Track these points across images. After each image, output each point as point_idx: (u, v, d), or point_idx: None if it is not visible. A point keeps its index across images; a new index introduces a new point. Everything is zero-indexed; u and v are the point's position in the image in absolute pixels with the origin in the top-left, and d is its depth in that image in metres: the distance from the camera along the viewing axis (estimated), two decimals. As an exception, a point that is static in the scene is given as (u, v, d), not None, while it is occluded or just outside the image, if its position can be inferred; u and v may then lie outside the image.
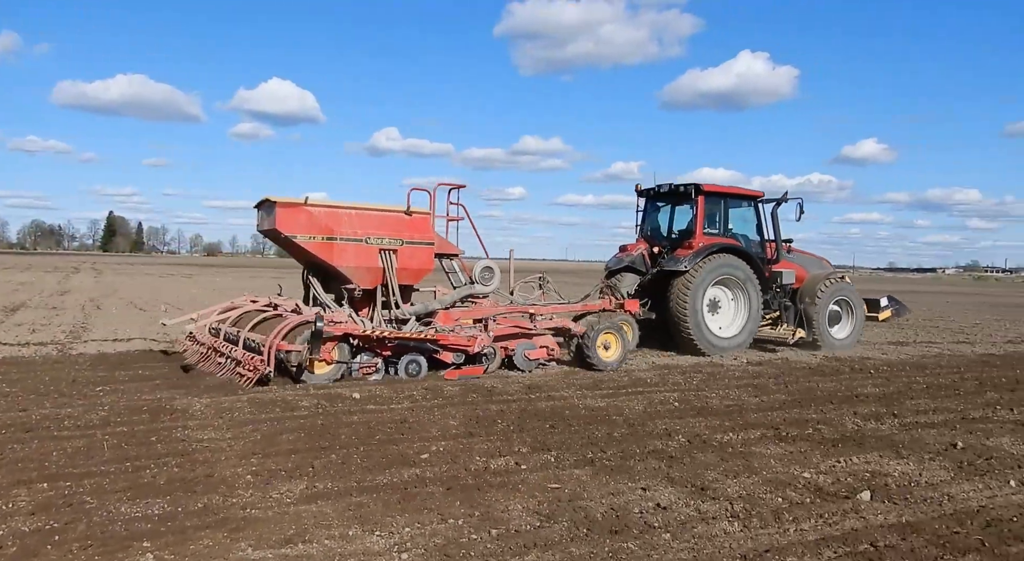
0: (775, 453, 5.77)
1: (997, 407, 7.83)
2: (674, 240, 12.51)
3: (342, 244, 9.29)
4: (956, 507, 4.55)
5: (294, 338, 8.20)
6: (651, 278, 12.07)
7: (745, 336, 12.04)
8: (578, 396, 7.97)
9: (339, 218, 9.37)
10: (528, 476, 5.01)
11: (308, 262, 9.80)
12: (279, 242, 9.78)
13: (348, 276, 9.43)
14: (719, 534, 4.04)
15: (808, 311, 12.51)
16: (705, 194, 12.03)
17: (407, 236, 9.74)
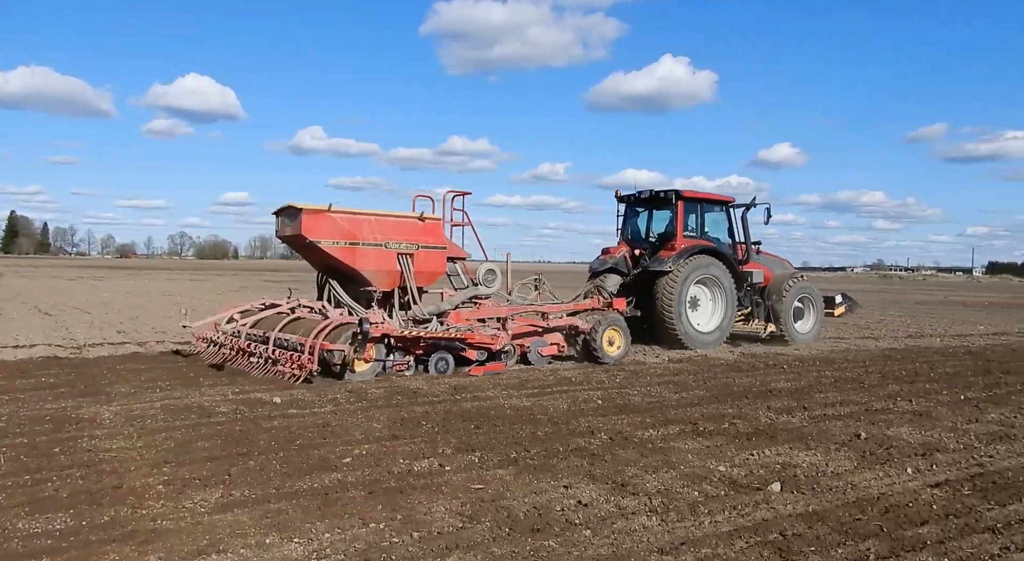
0: (693, 448, 5.95)
1: (898, 399, 8.29)
2: (654, 243, 13.38)
3: (364, 249, 9.87)
4: (858, 495, 4.80)
5: (336, 338, 8.61)
6: (635, 278, 12.80)
7: (722, 331, 12.88)
8: (504, 396, 8.01)
9: (360, 224, 9.96)
10: (452, 477, 5.00)
11: (327, 266, 10.26)
12: (300, 247, 10.21)
13: (369, 279, 9.97)
14: (638, 529, 4.13)
15: (776, 308, 13.50)
16: (684, 199, 12.89)
17: (422, 241, 10.40)
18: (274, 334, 9.13)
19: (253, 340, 9.49)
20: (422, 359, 9.49)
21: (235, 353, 9.59)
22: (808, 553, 3.80)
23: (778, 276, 14.05)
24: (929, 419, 7.21)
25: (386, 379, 8.83)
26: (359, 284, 10.09)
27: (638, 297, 12.36)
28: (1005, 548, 3.91)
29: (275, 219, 10.55)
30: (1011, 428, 6.86)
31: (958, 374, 10.30)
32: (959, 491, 4.91)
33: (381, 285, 10.10)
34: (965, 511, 4.50)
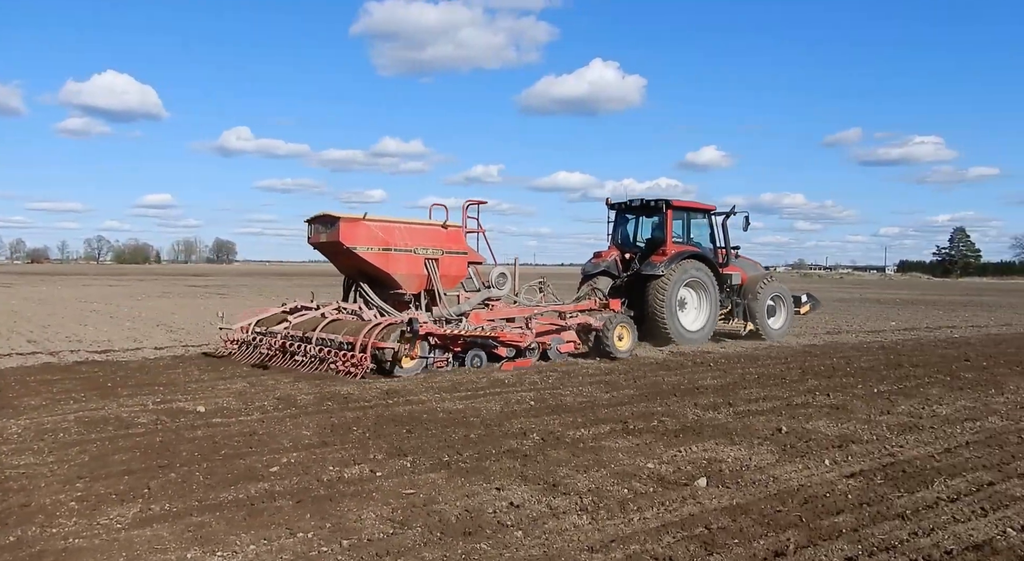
0: (623, 446, 6.05)
1: (816, 393, 8.63)
2: (642, 248, 14.30)
3: (396, 254, 10.75)
4: (780, 487, 4.97)
5: (386, 336, 9.25)
6: (628, 280, 13.68)
7: (709, 329, 13.87)
8: (436, 399, 7.96)
9: (392, 231, 10.81)
10: (383, 483, 4.94)
11: (358, 271, 10.99)
12: (335, 252, 10.91)
13: (400, 282, 10.82)
14: (569, 528, 4.17)
15: (752, 307, 14.56)
16: (673, 208, 13.84)
17: (446, 247, 11.32)
18: (316, 334, 9.74)
19: (293, 340, 10.06)
20: (458, 356, 10.23)
21: (275, 353, 10.16)
22: (731, 545, 3.92)
23: (752, 278, 15.03)
24: (845, 412, 7.53)
25: (316, 385, 8.66)
26: (388, 287, 10.90)
27: (629, 298, 13.18)
28: (913, 533, 4.11)
29: (307, 226, 11.25)
30: (919, 419, 7.24)
31: (872, 368, 10.81)
32: (872, 480, 5.15)
33: (410, 288, 10.95)
34: (877, 499, 4.72)
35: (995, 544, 3.96)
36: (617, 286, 13.70)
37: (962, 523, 4.28)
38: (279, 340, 10.20)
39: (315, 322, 10.17)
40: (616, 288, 13.64)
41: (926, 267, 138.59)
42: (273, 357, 10.12)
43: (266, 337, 10.51)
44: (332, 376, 9.23)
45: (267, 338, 10.45)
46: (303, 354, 9.75)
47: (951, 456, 5.82)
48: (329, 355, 9.47)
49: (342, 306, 10.86)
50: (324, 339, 9.67)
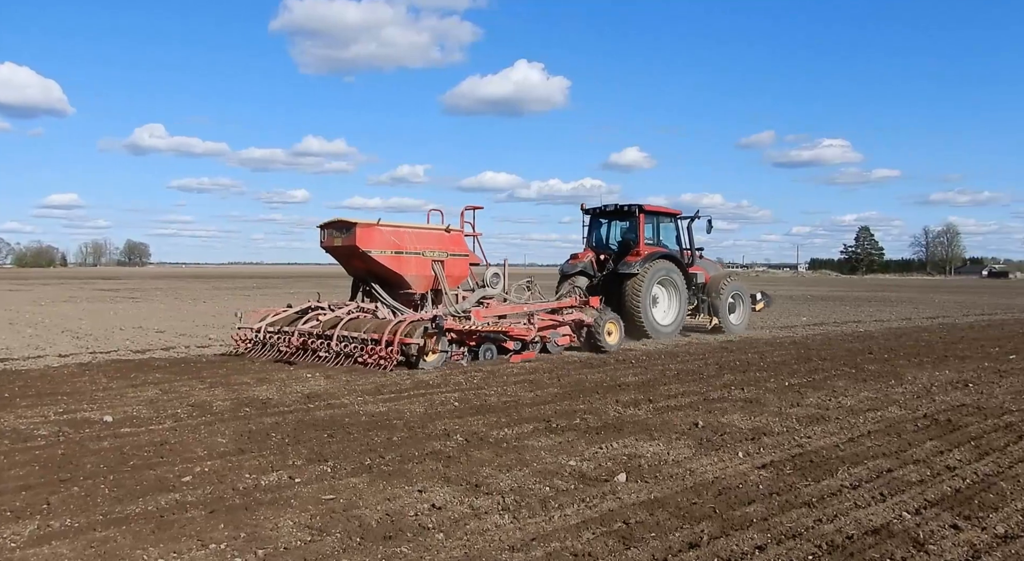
0: (546, 445, 6.11)
1: (732, 388, 8.94)
2: (616, 249, 15.40)
3: (407, 257, 11.63)
4: (696, 480, 5.12)
5: (412, 332, 9.93)
6: (604, 279, 14.78)
7: (678, 324, 15.12)
8: (359, 402, 7.85)
9: (403, 236, 11.70)
10: (301, 489, 4.84)
11: (370, 272, 11.76)
12: (350, 255, 11.67)
13: (410, 283, 11.70)
14: (491, 528, 4.18)
15: (715, 303, 15.90)
16: (645, 212, 15.02)
17: (449, 249, 12.26)
18: (337, 331, 10.41)
19: (314, 337, 10.71)
20: (473, 349, 11.03)
21: (294, 350, 10.79)
22: (649, 539, 4.01)
23: (715, 277, 16.37)
24: (758, 405, 7.83)
25: (233, 391, 8.40)
26: (398, 288, 11.75)
27: (605, 296, 14.14)
28: (818, 520, 4.31)
29: (320, 231, 11.94)
30: (826, 410, 7.59)
31: (784, 363, 11.27)
32: (782, 471, 5.36)
33: (419, 288, 11.84)
34: (786, 489, 4.92)
35: (892, 527, 4.19)
36: (594, 285, 14.73)
37: (863, 509, 4.51)
38: (299, 338, 10.81)
39: (338, 321, 10.82)
40: (592, 287, 14.66)
41: (835, 265, 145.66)
42: (293, 354, 10.76)
43: (281, 336, 11.12)
44: (306, 377, 9.28)
45: (284, 337, 11.06)
46: (326, 351, 10.40)
47: (854, 445, 6.12)
48: (355, 351, 10.15)
49: (361, 305, 11.58)
50: (346, 336, 10.34)
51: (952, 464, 5.54)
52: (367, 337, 10.18)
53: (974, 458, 5.71)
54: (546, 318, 12.23)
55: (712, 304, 15.89)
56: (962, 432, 6.61)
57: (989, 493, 4.82)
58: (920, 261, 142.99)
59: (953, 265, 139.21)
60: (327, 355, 10.39)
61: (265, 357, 11.01)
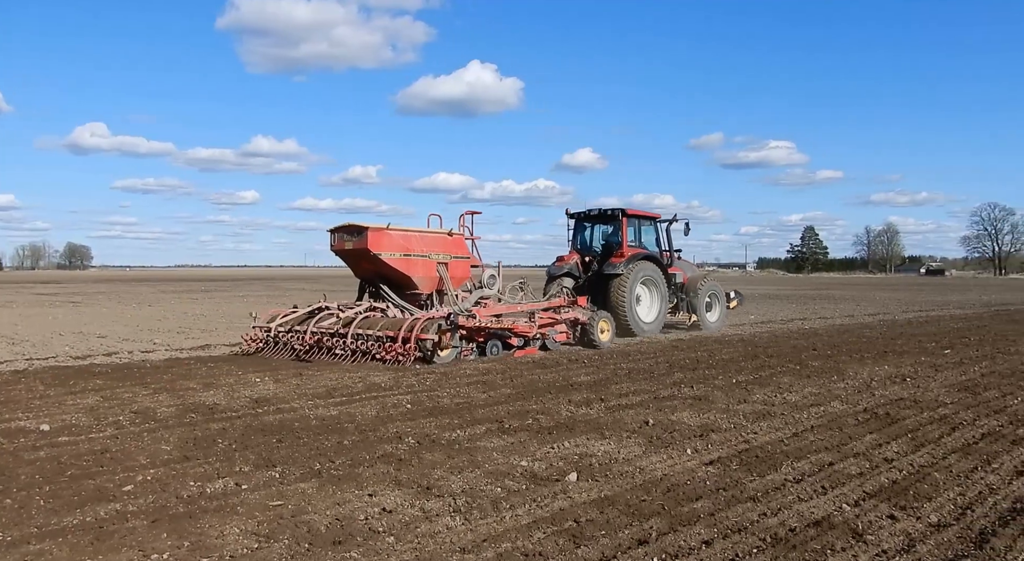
0: (498, 445, 6.11)
1: (681, 385, 9.09)
2: (601, 252, 16.06)
3: (414, 259, 12.36)
4: (645, 478, 5.19)
5: (427, 329, 10.62)
6: (590, 279, 15.50)
7: (660, 321, 15.91)
8: (309, 406, 7.74)
9: (410, 239, 12.47)
10: (249, 496, 4.75)
11: (378, 274, 12.44)
12: (359, 258, 12.37)
13: (417, 284, 12.42)
14: (442, 530, 4.17)
15: (693, 302, 16.77)
16: (627, 216, 15.77)
17: (453, 252, 13.06)
18: (352, 330, 11.00)
19: (325, 335, 11.29)
20: (480, 345, 11.69)
21: (308, 348, 11.31)
22: (599, 537, 4.05)
23: (692, 277, 17.21)
24: (707, 403, 7.97)
25: (178, 397, 8.20)
26: (405, 288, 12.46)
27: (591, 295, 14.77)
28: (763, 514, 4.42)
29: (330, 235, 12.59)
30: (772, 406, 7.78)
31: (732, 360, 11.50)
32: (729, 466, 5.48)
33: (425, 289, 12.57)
34: (733, 484, 5.02)
35: (832, 519, 4.32)
36: (580, 286, 15.48)
37: (805, 502, 4.64)
38: (312, 337, 11.35)
39: (355, 319, 11.44)
40: (579, 287, 15.40)
41: (781, 264, 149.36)
42: (308, 352, 11.28)
43: (294, 335, 11.64)
44: (255, 381, 9.05)
45: (297, 335, 11.58)
46: (342, 348, 10.93)
47: (798, 440, 6.29)
48: (372, 347, 10.75)
49: (374, 305, 12.21)
50: (361, 334, 10.93)
51: (890, 456, 5.73)
52: (382, 334, 10.78)
53: (910, 450, 5.92)
54: (545, 316, 12.87)
55: (691, 303, 16.77)
56: (900, 425, 6.85)
57: (924, 483, 5.01)
58: (862, 259, 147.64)
59: (893, 263, 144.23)
60: (343, 352, 10.92)
61: (279, 355, 11.53)
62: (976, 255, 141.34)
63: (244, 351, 12.24)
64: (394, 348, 10.53)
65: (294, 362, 11.15)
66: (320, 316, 11.90)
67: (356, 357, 10.82)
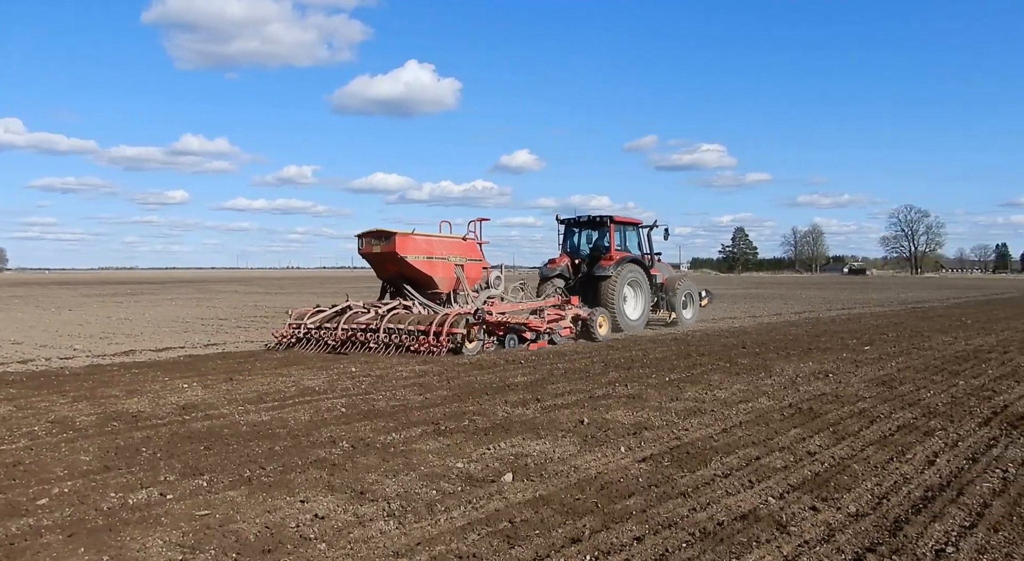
0: (433, 448, 6.08)
1: (616, 384, 9.23)
2: (589, 255, 17.30)
3: (436, 261, 13.67)
4: (580, 477, 5.25)
5: (456, 324, 11.88)
6: (581, 281, 16.73)
7: (644, 319, 17.14)
8: (240, 412, 7.54)
9: (432, 243, 13.79)
10: (174, 506, 4.59)
11: (402, 275, 13.67)
12: (386, 260, 13.58)
13: (438, 284, 13.72)
14: (375, 535, 4.12)
15: (672, 300, 18.18)
16: (615, 222, 17.08)
17: (468, 255, 14.48)
18: (383, 324, 12.11)
19: (358, 330, 12.32)
20: (500, 339, 12.90)
21: (341, 343, 12.41)
22: (533, 537, 4.08)
23: (670, 278, 18.58)
24: (640, 401, 8.12)
25: (99, 405, 7.87)
26: (427, 288, 13.69)
27: (582, 295, 16.01)
28: (693, 509, 4.53)
29: (358, 240, 13.85)
30: (703, 403, 7.97)
31: (665, 359, 11.74)
32: (660, 463, 5.59)
33: (444, 288, 13.85)
34: (664, 480, 5.13)
35: (758, 512, 4.46)
36: (571, 286, 16.70)
37: (733, 496, 4.77)
38: (343, 332, 12.44)
39: (391, 314, 12.57)
40: (571, 288, 16.64)
41: (714, 264, 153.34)
42: (341, 346, 12.36)
43: (326, 331, 12.76)
44: (182, 387, 8.59)
45: (328, 332, 12.69)
46: (375, 342, 12.00)
47: (727, 436, 6.47)
48: (405, 340, 11.89)
49: (403, 303, 13.34)
50: (392, 328, 12.06)
51: (813, 450, 5.95)
52: (414, 329, 11.95)
53: (832, 443, 6.17)
54: (552, 313, 14.22)
55: (669, 302, 18.17)
56: (822, 419, 7.12)
57: (844, 475, 5.22)
58: (790, 259, 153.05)
59: (818, 263, 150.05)
60: (376, 346, 12.00)
61: (311, 350, 12.55)
62: (894, 255, 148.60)
63: (276, 346, 13.13)
64: (427, 341, 11.68)
65: (226, 368, 10.85)
66: (353, 313, 12.94)
67: (389, 349, 11.90)
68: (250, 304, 30.01)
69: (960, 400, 8.13)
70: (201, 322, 20.16)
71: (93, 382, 9.43)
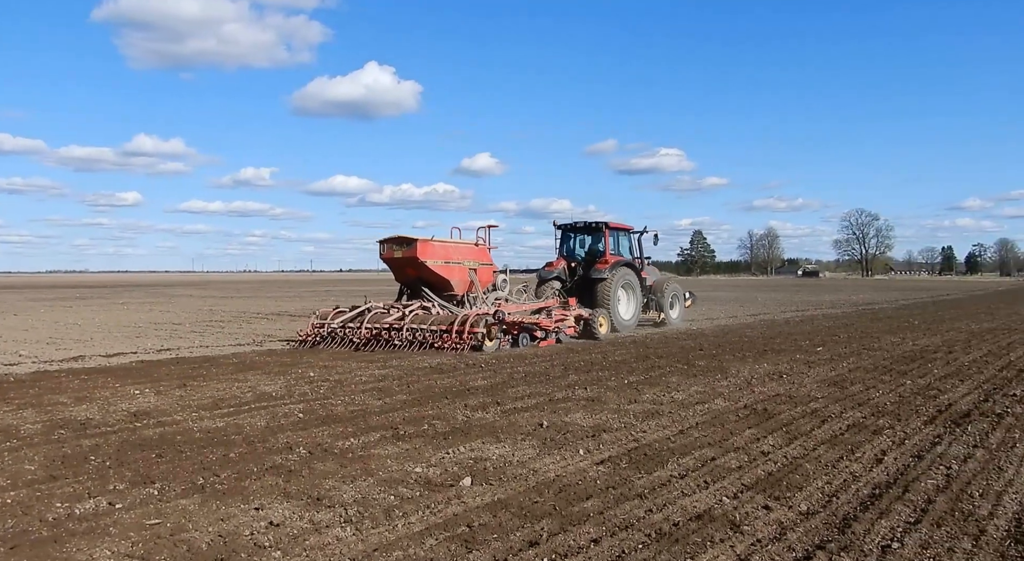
0: (392, 453, 6.04)
1: (576, 387, 9.28)
2: (584, 259, 18.28)
3: (453, 266, 14.90)
4: (538, 479, 5.27)
5: (477, 323, 12.95)
6: (577, 283, 17.66)
7: (636, 319, 18.24)
8: (193, 418, 7.39)
9: (448, 249, 15.03)
10: (123, 516, 4.48)
11: (420, 279, 14.75)
12: (406, 265, 14.76)
13: (454, 287, 14.88)
14: (332, 542, 4.08)
15: (660, 302, 19.29)
16: (610, 229, 18.18)
17: (480, 260, 15.75)
18: (406, 324, 13.28)
19: (380, 329, 13.42)
20: (515, 337, 13.93)
21: (366, 341, 13.43)
22: (491, 541, 4.08)
23: (658, 280, 19.79)
24: (599, 403, 8.18)
25: (45, 413, 7.64)
26: (443, 291, 14.80)
27: (579, 297, 16.82)
28: (649, 510, 4.58)
29: (380, 245, 14.98)
30: (661, 405, 8.07)
31: (624, 362, 11.86)
32: (618, 465, 5.65)
33: (459, 291, 14.98)
34: (622, 482, 5.18)
35: (713, 512, 4.53)
36: (568, 288, 17.59)
37: (688, 496, 4.84)
38: (369, 331, 13.48)
39: (416, 315, 13.75)
40: (568, 290, 17.54)
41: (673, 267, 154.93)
42: (366, 344, 13.35)
43: (348, 330, 13.80)
44: (133, 394, 8.34)
45: (352, 330, 13.74)
46: (399, 339, 13.06)
47: (684, 437, 6.56)
48: (429, 338, 12.96)
49: (423, 304, 14.37)
50: (415, 327, 13.13)
51: (766, 449, 6.07)
52: (436, 328, 12.99)
53: (785, 443, 6.30)
54: (558, 313, 15.08)
55: (658, 303, 19.23)
56: (776, 420, 7.27)
57: (796, 474, 5.34)
58: (746, 262, 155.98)
59: (773, 266, 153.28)
60: (400, 343, 13.02)
61: (334, 348, 13.51)
62: (846, 257, 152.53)
63: (301, 344, 14.09)
64: (451, 339, 12.70)
65: (180, 374, 10.61)
66: (375, 314, 14.00)
67: (413, 347, 12.91)
68: (206, 308, 29.43)
69: (907, 399, 8.38)
70: (154, 327, 19.70)
71: (39, 389, 9.15)
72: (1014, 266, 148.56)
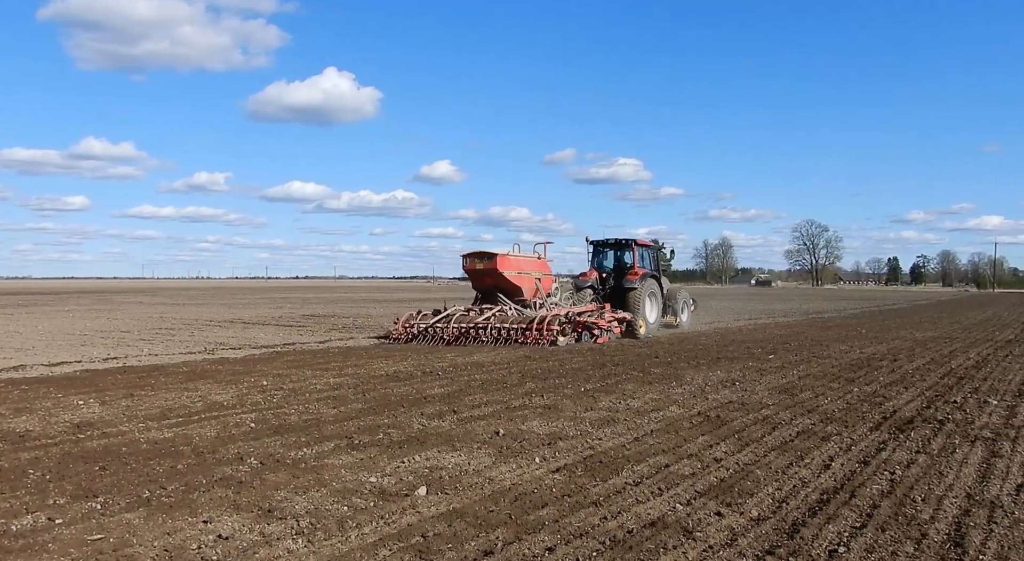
0: (346, 462, 5.96)
1: (532, 395, 9.30)
2: (615, 270, 20.78)
3: (524, 276, 18.17)
4: (494, 488, 5.25)
5: (553, 322, 15.80)
6: (610, 292, 20.06)
7: (658, 323, 20.61)
8: (140, 429, 7.18)
9: (520, 261, 18.32)
10: (63, 531, 4.32)
11: (497, 287, 17.92)
12: (486, 275, 17.88)
13: (524, 293, 17.96)
14: (282, 555, 4.00)
15: (675, 307, 21.77)
16: (637, 245, 20.68)
17: (542, 271, 19.15)
18: (491, 323, 16.27)
19: (467, 327, 16.40)
20: (579, 334, 16.49)
21: (455, 338, 16.29)
22: (445, 550, 4.05)
23: (671, 289, 22.25)
24: (556, 411, 8.21)
25: (-18, 423, 7.32)
26: (515, 296, 17.91)
27: (611, 304, 19.25)
28: (604, 518, 4.60)
29: (463, 258, 18.22)
30: (616, 413, 8.13)
31: (581, 369, 11.92)
32: (574, 473, 5.66)
33: (528, 296, 18.00)
34: (577, 490, 5.20)
35: (666, 519, 4.58)
36: (600, 296, 19.91)
37: (643, 504, 4.88)
38: (456, 330, 16.34)
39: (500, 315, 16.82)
40: (602, 298, 19.90)
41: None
42: (456, 340, 16.16)
43: (437, 328, 16.53)
44: (77, 404, 8.06)
45: (440, 329, 16.49)
46: (486, 336, 16.00)
47: (639, 444, 6.62)
48: (512, 335, 15.88)
49: (503, 307, 17.32)
50: (498, 326, 16.12)
51: (719, 456, 6.16)
52: (517, 326, 15.99)
53: (737, 449, 6.40)
54: (609, 315, 17.72)
55: (673, 308, 21.64)
56: (728, 427, 7.38)
57: (747, 481, 5.43)
58: (701, 271, 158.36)
59: (727, 275, 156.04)
60: (487, 339, 15.88)
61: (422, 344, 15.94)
62: (798, 267, 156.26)
63: (392, 340, 16.76)
64: (534, 335, 15.55)
65: (126, 383, 10.31)
66: (459, 315, 16.96)
67: (498, 342, 15.66)
68: (155, 316, 28.68)
69: (854, 406, 8.60)
70: (101, 335, 19.11)
71: (-24, 399, 8.79)
72: (955, 277, 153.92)
